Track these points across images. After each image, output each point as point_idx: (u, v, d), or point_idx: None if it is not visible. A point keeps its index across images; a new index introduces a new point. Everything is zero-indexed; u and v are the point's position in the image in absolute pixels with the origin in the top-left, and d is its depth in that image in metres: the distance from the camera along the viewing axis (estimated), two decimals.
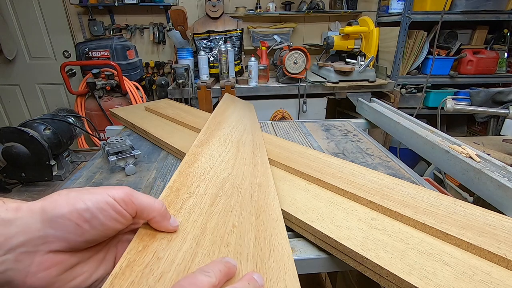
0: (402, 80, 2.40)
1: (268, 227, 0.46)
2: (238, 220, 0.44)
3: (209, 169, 0.57)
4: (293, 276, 0.36)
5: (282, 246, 0.42)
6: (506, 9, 2.24)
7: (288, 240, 0.44)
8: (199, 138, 0.70)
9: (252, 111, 1.22)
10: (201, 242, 0.37)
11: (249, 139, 0.82)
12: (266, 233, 0.44)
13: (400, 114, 1.28)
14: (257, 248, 0.39)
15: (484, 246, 0.46)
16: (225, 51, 2.13)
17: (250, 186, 0.56)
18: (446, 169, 0.90)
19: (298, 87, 2.21)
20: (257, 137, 0.87)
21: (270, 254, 0.39)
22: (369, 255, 0.47)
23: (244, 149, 0.73)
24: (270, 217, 0.48)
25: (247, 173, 0.61)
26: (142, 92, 2.39)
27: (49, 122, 0.93)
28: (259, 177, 0.61)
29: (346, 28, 2.27)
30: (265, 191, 0.56)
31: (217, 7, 2.43)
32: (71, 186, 0.82)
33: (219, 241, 0.38)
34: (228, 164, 0.62)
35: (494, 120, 2.23)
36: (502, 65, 2.46)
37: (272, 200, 0.54)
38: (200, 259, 0.35)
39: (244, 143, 0.77)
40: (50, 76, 2.91)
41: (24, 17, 2.71)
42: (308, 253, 0.58)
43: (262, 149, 0.78)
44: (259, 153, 0.74)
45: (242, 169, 0.62)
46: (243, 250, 0.38)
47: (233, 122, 0.92)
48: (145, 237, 0.35)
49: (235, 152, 0.70)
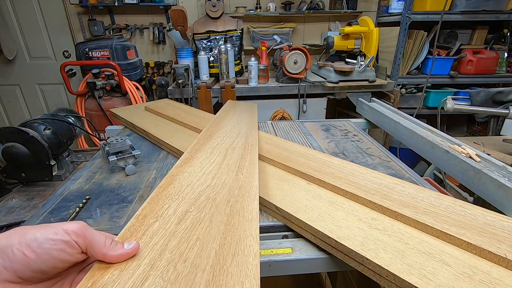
0: (402, 80, 2.40)
1: (239, 230, 0.46)
2: (204, 232, 0.45)
3: (185, 186, 0.57)
4: (254, 277, 0.37)
5: (250, 248, 0.42)
6: (506, 9, 2.24)
7: (258, 240, 0.45)
8: (182, 158, 0.69)
9: (254, 111, 1.22)
10: (156, 264, 0.38)
11: (241, 143, 0.82)
12: (235, 237, 0.44)
13: (400, 114, 1.28)
14: (219, 256, 0.40)
15: (484, 246, 0.46)
16: (225, 51, 2.13)
17: (229, 192, 0.56)
18: (446, 169, 0.90)
19: (298, 87, 2.21)
20: (251, 138, 0.86)
21: (233, 259, 0.40)
22: (369, 255, 0.47)
23: (232, 155, 0.73)
24: (244, 219, 0.49)
25: (228, 179, 0.61)
26: (142, 92, 2.39)
27: (49, 122, 0.93)
28: (242, 180, 0.62)
29: (346, 28, 2.27)
30: (245, 194, 0.57)
31: (217, 7, 2.43)
32: (71, 186, 0.82)
33: (177, 258, 0.39)
34: (208, 176, 0.62)
35: (494, 120, 2.23)
36: (502, 65, 2.46)
37: (250, 201, 0.54)
38: (151, 281, 0.35)
39: (234, 149, 0.77)
40: (50, 76, 2.91)
41: (24, 17, 2.71)
42: (308, 253, 0.58)
43: (253, 150, 0.78)
44: (249, 155, 0.74)
45: (224, 177, 0.62)
46: (201, 262, 0.39)
47: (227, 130, 0.92)
48: (97, 272, 0.35)
49: (221, 161, 0.70)
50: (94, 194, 0.78)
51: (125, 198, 0.76)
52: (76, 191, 0.80)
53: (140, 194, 0.77)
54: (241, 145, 0.80)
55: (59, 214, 0.70)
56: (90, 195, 0.77)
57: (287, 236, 0.63)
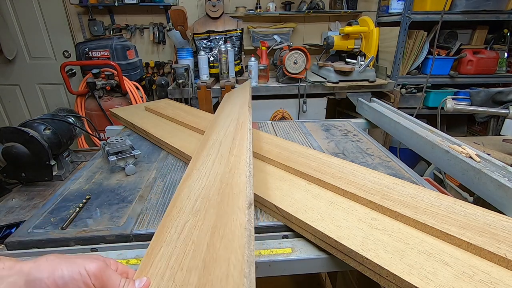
0: (402, 80, 2.40)
1: (227, 210, 0.49)
2: (198, 233, 0.47)
3: (185, 200, 0.58)
4: (239, 247, 0.40)
5: (235, 221, 0.45)
6: (506, 9, 2.24)
7: (245, 210, 0.47)
8: (184, 176, 0.68)
9: (245, 89, 1.23)
10: (160, 286, 0.40)
11: (233, 126, 0.83)
12: (223, 220, 0.47)
13: (400, 114, 1.28)
14: (209, 247, 0.43)
15: (484, 246, 0.46)
16: (225, 51, 2.13)
17: (221, 180, 0.58)
18: (446, 169, 0.90)
19: (298, 87, 2.21)
20: (242, 115, 0.88)
21: (221, 242, 0.43)
22: (369, 255, 0.47)
23: (225, 144, 0.75)
24: (233, 195, 0.52)
25: (221, 168, 0.63)
26: (142, 92, 2.39)
27: (49, 122, 0.92)
28: (233, 161, 0.64)
29: (346, 28, 2.27)
30: (235, 172, 0.59)
31: (217, 7, 2.43)
32: (71, 186, 0.82)
33: (176, 270, 0.41)
34: (204, 178, 0.63)
35: (494, 120, 2.23)
36: (502, 65, 2.45)
37: (239, 176, 0.57)
38: None
39: (226, 137, 0.79)
40: (50, 76, 2.90)
41: (24, 17, 2.70)
42: (308, 253, 0.58)
43: (243, 126, 0.80)
44: (240, 132, 0.77)
45: (217, 168, 0.64)
46: (194, 262, 0.41)
47: (222, 124, 0.92)
48: None
49: (215, 156, 0.70)
50: (94, 194, 0.78)
51: (125, 198, 0.76)
52: (76, 191, 0.80)
53: (140, 194, 0.77)
54: (233, 129, 0.81)
55: (59, 214, 0.70)
56: (90, 195, 0.77)
57: (287, 236, 0.63)
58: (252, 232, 0.44)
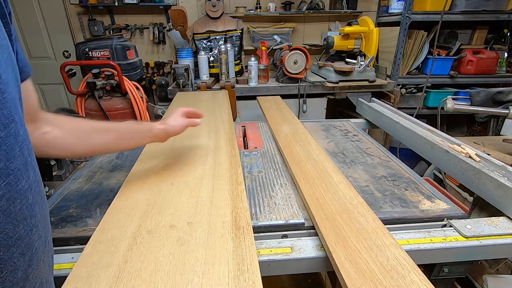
0: (402, 80, 2.40)
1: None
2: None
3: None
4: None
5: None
6: (506, 9, 2.24)
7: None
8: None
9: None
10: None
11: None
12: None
13: (400, 114, 1.28)
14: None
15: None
16: (225, 51, 2.13)
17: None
18: (446, 169, 0.90)
19: (298, 87, 2.21)
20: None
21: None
22: None
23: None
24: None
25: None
26: (142, 92, 2.38)
27: None
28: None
29: (346, 28, 2.27)
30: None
31: (217, 7, 2.43)
32: (71, 186, 0.82)
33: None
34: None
35: (494, 120, 2.22)
36: (502, 65, 2.45)
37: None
38: None
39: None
40: (50, 76, 2.90)
41: (24, 17, 2.70)
42: (307, 252, 0.58)
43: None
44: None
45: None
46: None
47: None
48: None
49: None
50: (94, 194, 0.78)
51: None
52: (76, 191, 0.80)
53: None
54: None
55: (59, 213, 0.70)
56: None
57: (287, 236, 0.63)
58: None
